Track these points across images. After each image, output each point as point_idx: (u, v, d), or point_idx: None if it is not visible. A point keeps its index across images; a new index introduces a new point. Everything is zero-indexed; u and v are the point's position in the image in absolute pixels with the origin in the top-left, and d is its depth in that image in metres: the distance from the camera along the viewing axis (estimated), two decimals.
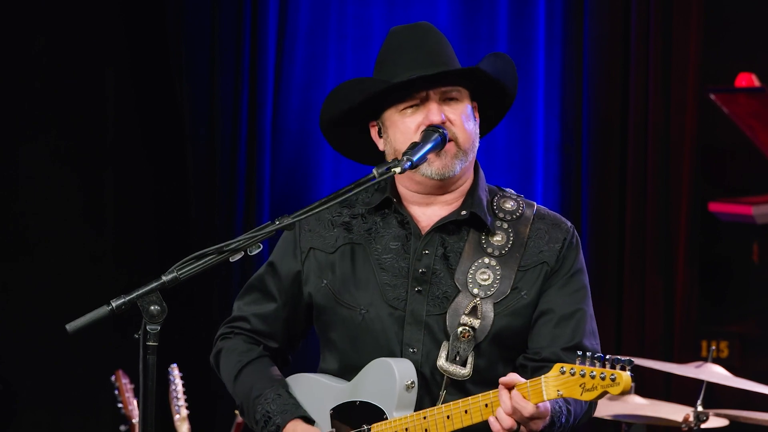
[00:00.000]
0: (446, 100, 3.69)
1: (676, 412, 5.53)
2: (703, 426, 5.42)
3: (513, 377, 3.46)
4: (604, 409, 5.57)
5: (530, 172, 7.09)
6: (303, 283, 3.82)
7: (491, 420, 3.47)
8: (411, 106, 3.69)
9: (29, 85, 7.21)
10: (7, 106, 7.18)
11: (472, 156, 3.73)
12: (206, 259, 3.43)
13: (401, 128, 3.69)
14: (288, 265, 3.83)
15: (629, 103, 7.13)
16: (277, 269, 3.85)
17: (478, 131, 3.75)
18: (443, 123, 3.66)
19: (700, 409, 5.40)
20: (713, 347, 5.82)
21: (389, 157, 3.74)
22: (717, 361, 5.85)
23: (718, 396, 6.13)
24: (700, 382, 5.43)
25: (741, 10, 7.33)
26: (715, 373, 5.44)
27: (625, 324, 7.08)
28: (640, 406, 5.64)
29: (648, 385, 6.63)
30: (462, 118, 3.69)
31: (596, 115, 7.16)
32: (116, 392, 6.16)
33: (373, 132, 3.79)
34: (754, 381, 5.46)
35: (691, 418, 5.41)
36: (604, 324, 6.78)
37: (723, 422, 5.57)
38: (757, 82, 7.32)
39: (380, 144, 3.78)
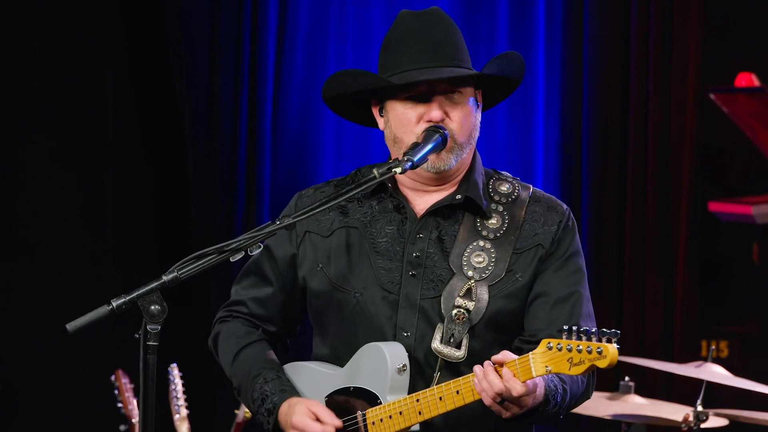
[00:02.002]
0: (448, 93, 3.69)
1: (676, 412, 5.53)
2: (703, 426, 5.42)
3: (505, 354, 3.47)
4: (604, 409, 5.57)
5: (530, 171, 7.09)
6: (298, 267, 3.82)
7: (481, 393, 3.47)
8: (412, 97, 3.69)
9: (29, 85, 7.21)
10: (7, 106, 7.18)
11: (469, 148, 3.74)
12: (206, 258, 3.44)
13: (402, 118, 3.70)
14: (284, 249, 3.84)
15: (629, 103, 7.13)
16: (272, 253, 3.85)
17: (479, 121, 3.76)
18: (442, 120, 3.66)
19: (700, 408, 5.40)
20: (713, 347, 5.82)
21: (388, 140, 3.75)
22: (717, 361, 5.85)
23: (718, 396, 6.13)
24: (700, 381, 5.43)
25: (741, 10, 7.33)
26: (715, 373, 5.44)
27: (625, 324, 7.08)
28: (640, 405, 5.64)
29: (648, 385, 6.64)
30: (461, 115, 3.69)
31: (596, 115, 7.16)
32: (116, 392, 6.16)
33: (375, 110, 3.79)
34: (754, 381, 5.46)
35: (691, 418, 5.41)
36: (604, 324, 6.75)
37: (723, 422, 5.57)
38: (757, 82, 7.32)
39: (380, 123, 3.78)
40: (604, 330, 3.35)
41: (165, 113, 7.36)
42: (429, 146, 3.63)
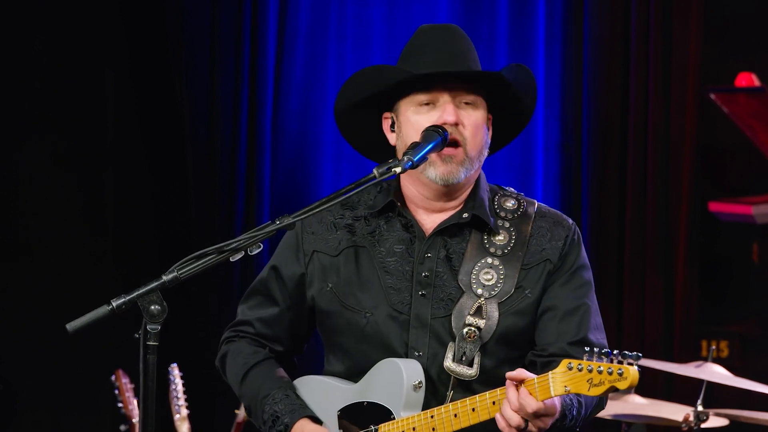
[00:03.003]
0: (462, 105, 3.68)
1: (676, 412, 5.53)
2: (703, 426, 5.42)
3: (520, 371, 3.46)
4: (604, 409, 5.56)
5: (530, 172, 7.08)
6: (306, 287, 3.81)
7: (497, 417, 3.47)
8: (427, 104, 3.68)
9: (29, 85, 7.21)
10: (7, 106, 7.18)
11: (477, 165, 3.73)
12: (206, 258, 3.43)
13: (415, 126, 3.68)
14: (291, 268, 3.83)
15: (629, 103, 7.13)
16: (280, 273, 3.84)
17: (488, 142, 3.75)
18: (456, 124, 3.65)
19: (700, 408, 5.41)
20: (713, 347, 5.82)
21: (399, 153, 3.74)
22: (717, 360, 5.85)
23: (718, 396, 6.13)
24: (700, 381, 5.43)
25: (741, 10, 7.33)
26: (715, 373, 5.44)
27: (625, 324, 7.08)
28: (640, 405, 5.64)
29: (648, 385, 6.63)
30: (474, 125, 3.68)
31: (596, 115, 7.16)
32: (116, 392, 6.16)
33: (386, 125, 3.78)
34: (754, 381, 5.46)
35: (691, 418, 5.41)
36: (604, 324, 6.76)
37: (723, 422, 5.57)
38: (757, 82, 7.32)
39: (391, 138, 3.77)
40: (626, 352, 3.35)
41: (165, 113, 7.36)
42: (428, 145, 3.61)
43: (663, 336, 7.12)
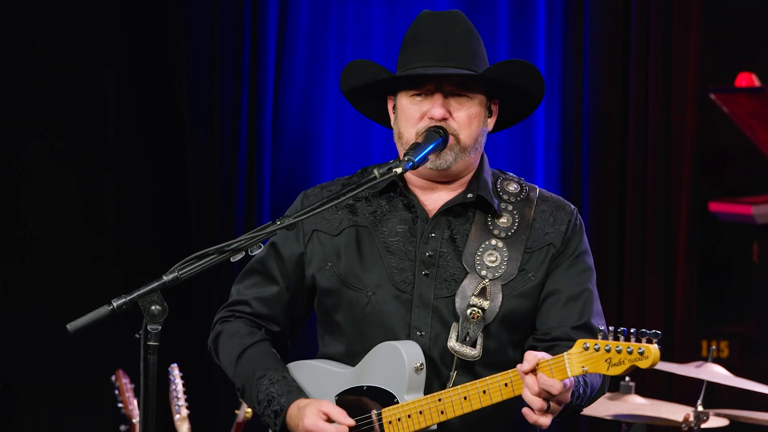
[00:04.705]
0: (455, 95, 3.69)
1: (676, 412, 5.53)
2: (703, 426, 5.42)
3: (531, 360, 3.43)
4: (604, 409, 5.57)
5: (530, 172, 7.09)
6: (306, 266, 3.81)
7: (525, 411, 3.45)
8: (418, 94, 3.69)
9: (29, 85, 7.21)
10: (7, 106, 7.18)
11: (474, 153, 3.74)
12: (207, 258, 3.42)
13: (406, 114, 3.70)
14: (291, 247, 3.82)
15: (629, 103, 7.14)
16: (279, 251, 3.84)
17: (486, 130, 3.77)
18: (445, 119, 3.67)
19: (700, 408, 5.41)
20: (713, 347, 5.82)
21: (395, 136, 3.76)
22: (717, 361, 5.85)
23: (718, 396, 6.13)
24: (700, 381, 5.44)
25: (741, 10, 7.33)
26: (715, 373, 5.44)
27: (625, 324, 7.05)
28: (640, 405, 5.64)
29: (648, 385, 6.64)
30: (466, 116, 3.69)
31: (596, 115, 7.16)
32: (116, 392, 6.16)
33: (390, 105, 3.80)
34: (754, 381, 5.46)
35: (691, 418, 5.42)
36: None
37: (723, 422, 5.57)
38: (757, 82, 7.32)
39: (392, 120, 3.79)
40: (645, 330, 3.34)
41: (165, 113, 7.36)
42: (429, 147, 3.63)
43: (663, 336, 7.10)
